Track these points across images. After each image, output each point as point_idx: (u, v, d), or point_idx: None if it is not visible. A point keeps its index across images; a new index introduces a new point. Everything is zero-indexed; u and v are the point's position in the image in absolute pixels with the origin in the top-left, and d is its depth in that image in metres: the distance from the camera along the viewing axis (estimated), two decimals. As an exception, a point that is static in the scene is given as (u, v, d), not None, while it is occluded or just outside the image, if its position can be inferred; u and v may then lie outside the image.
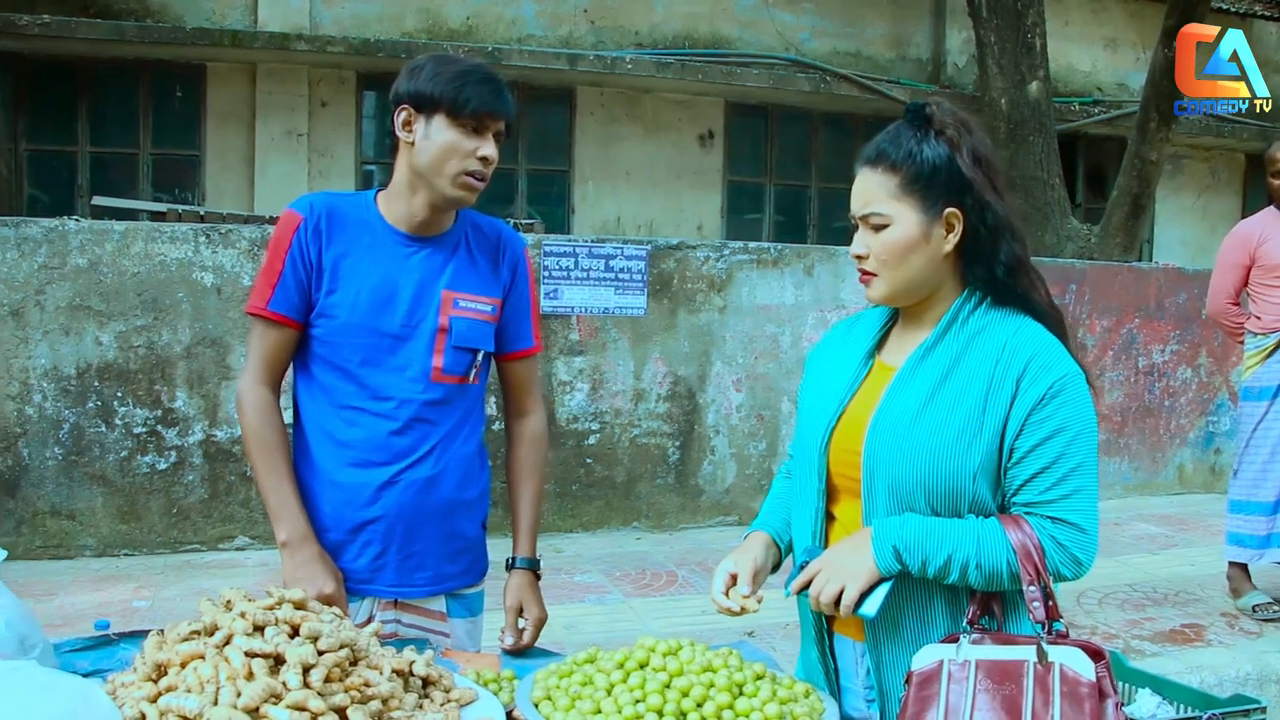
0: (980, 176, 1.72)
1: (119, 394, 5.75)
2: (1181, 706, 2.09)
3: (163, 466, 5.84)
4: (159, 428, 5.83)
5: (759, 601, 1.87)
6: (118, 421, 5.76)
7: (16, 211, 8.38)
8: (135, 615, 4.73)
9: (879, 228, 1.75)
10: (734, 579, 1.88)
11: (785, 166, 11.49)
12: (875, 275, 1.78)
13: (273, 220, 6.75)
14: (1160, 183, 10.44)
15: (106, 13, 9.20)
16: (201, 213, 7.56)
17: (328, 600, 1.98)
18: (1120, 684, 2.26)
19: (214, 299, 5.84)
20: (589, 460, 6.60)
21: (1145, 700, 2.23)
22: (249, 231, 5.98)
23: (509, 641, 2.20)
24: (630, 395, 6.67)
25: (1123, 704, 2.24)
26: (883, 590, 1.70)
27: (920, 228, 1.73)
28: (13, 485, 5.65)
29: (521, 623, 2.23)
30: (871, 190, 1.76)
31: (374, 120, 10.17)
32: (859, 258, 1.79)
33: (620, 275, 6.60)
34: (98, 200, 7.99)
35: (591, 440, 6.60)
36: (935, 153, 1.73)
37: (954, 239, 1.74)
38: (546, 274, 6.41)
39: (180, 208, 7.73)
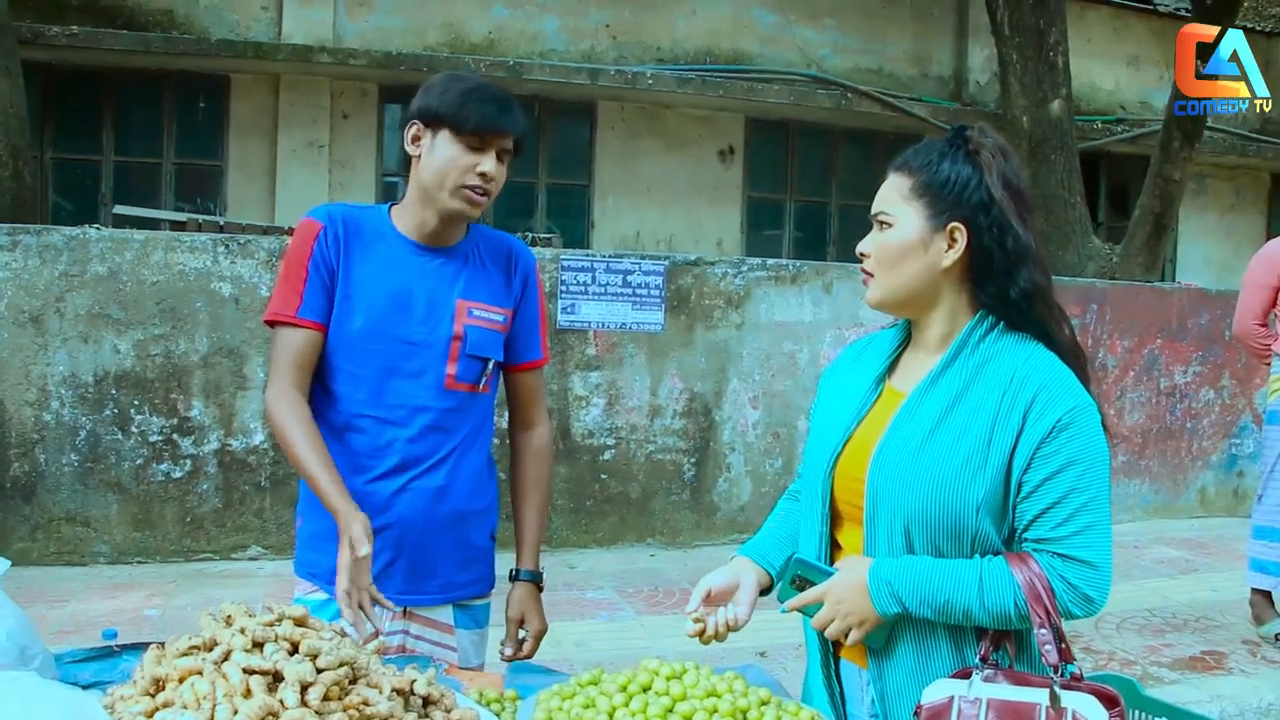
0: (1006, 201, 1.70)
1: (135, 402, 5.78)
2: (1198, 737, 2.06)
3: (177, 475, 5.86)
4: (174, 436, 5.84)
5: (729, 628, 1.86)
6: (134, 429, 5.78)
7: (41, 219, 8.44)
8: (147, 623, 4.73)
9: (884, 226, 1.76)
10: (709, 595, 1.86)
11: (806, 183, 11.47)
12: (873, 276, 1.78)
13: (290, 231, 6.77)
14: (1184, 202, 10.38)
15: (133, 24, 9.28)
16: (221, 223, 7.60)
17: (371, 597, 1.95)
18: (1136, 713, 2.23)
19: (232, 309, 5.86)
20: (604, 476, 6.58)
21: (1161, 730, 2.19)
22: (267, 242, 6.00)
23: (508, 652, 2.22)
24: (646, 411, 6.65)
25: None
26: (886, 622, 1.71)
27: (920, 234, 1.73)
28: (29, 491, 5.68)
29: (521, 634, 2.26)
30: (887, 191, 1.78)
31: (395, 133, 10.08)
32: (863, 255, 1.80)
33: (638, 291, 6.59)
34: (119, 209, 8.06)
35: (607, 456, 6.58)
36: (956, 168, 1.72)
37: (954, 255, 1.71)
38: (564, 289, 6.41)
39: (200, 217, 7.77)
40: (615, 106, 10.64)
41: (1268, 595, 4.99)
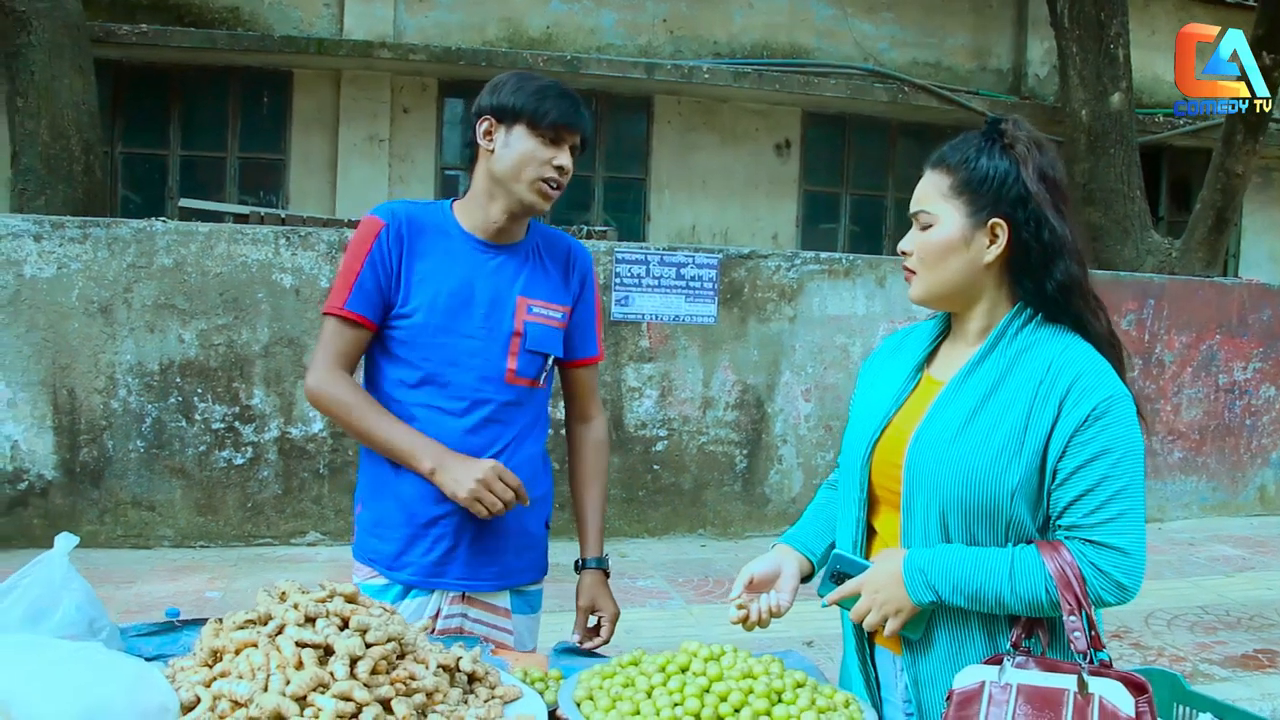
0: (1042, 194, 1.71)
1: (199, 390, 5.93)
2: (1243, 733, 2.05)
3: (239, 462, 6.01)
4: (236, 424, 6.00)
5: (772, 614, 1.92)
6: (197, 417, 5.94)
7: (111, 212, 8.67)
8: (208, 605, 4.87)
9: (926, 226, 1.78)
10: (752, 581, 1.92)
11: (862, 177, 11.41)
12: (916, 273, 1.80)
13: (352, 224, 6.90)
14: (1249, 196, 10.18)
15: (199, 22, 9.49)
16: (283, 215, 7.75)
17: (500, 472, 2.09)
18: (1180, 708, 2.23)
19: (292, 299, 5.99)
20: (656, 467, 6.64)
21: (1205, 725, 2.19)
22: (328, 235, 6.13)
23: (579, 639, 2.29)
24: (699, 403, 6.69)
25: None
26: (923, 614, 1.74)
27: (962, 232, 1.74)
28: (97, 476, 5.86)
29: (592, 620, 2.32)
30: (926, 189, 1.80)
31: (455, 127, 10.32)
32: (904, 254, 1.82)
33: (691, 283, 6.63)
34: (184, 202, 8.24)
35: (659, 447, 6.63)
36: (994, 163, 1.74)
37: (996, 250, 1.73)
38: (618, 281, 6.46)
39: (263, 210, 7.93)
40: (672, 100, 10.67)
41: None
